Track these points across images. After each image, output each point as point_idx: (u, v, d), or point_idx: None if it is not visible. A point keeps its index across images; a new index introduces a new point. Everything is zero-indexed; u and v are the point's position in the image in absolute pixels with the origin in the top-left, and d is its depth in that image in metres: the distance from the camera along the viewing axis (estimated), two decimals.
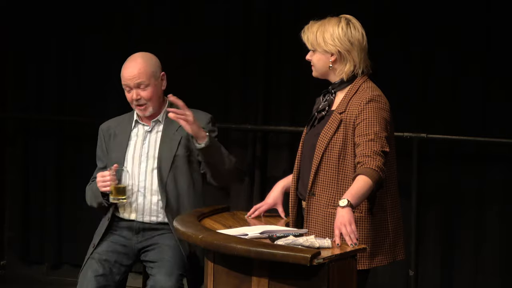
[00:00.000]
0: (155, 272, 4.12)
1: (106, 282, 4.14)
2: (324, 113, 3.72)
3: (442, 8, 5.29)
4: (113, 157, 4.30)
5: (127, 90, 4.25)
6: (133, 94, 4.22)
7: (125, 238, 4.26)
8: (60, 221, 6.22)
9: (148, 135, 4.30)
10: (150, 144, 4.28)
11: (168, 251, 4.17)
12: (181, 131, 4.23)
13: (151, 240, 4.25)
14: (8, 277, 6.27)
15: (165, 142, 4.26)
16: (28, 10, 6.15)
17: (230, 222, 3.94)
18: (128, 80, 4.22)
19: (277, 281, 3.34)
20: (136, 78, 4.21)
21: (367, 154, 3.50)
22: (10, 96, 6.29)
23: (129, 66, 4.25)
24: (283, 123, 5.59)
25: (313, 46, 3.72)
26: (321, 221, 3.64)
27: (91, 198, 4.33)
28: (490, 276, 5.33)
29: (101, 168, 4.37)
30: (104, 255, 4.19)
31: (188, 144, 4.23)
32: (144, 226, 4.25)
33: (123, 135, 4.32)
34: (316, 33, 3.70)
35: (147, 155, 4.26)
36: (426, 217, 5.40)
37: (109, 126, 4.41)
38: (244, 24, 5.72)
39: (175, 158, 4.23)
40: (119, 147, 4.31)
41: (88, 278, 4.13)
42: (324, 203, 3.63)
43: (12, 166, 6.36)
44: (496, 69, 5.23)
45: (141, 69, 4.22)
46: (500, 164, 5.28)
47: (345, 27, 3.67)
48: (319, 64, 3.73)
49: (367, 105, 3.59)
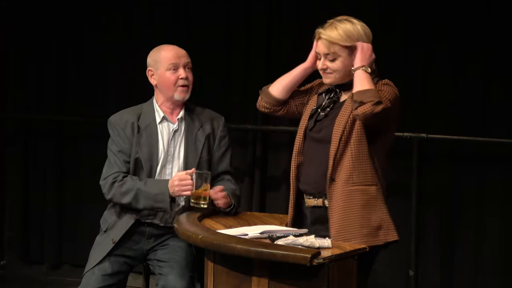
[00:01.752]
0: (167, 272, 4.10)
1: (111, 281, 4.13)
2: (329, 109, 3.74)
3: (442, 8, 5.29)
4: (145, 153, 4.19)
5: (173, 70, 4.22)
6: (182, 72, 4.21)
7: (135, 242, 4.23)
8: (60, 221, 6.21)
9: (175, 135, 4.26)
10: (175, 145, 4.24)
11: (179, 252, 4.15)
12: (202, 132, 4.25)
13: (160, 239, 4.23)
14: (8, 277, 6.27)
15: (190, 144, 4.24)
16: (28, 10, 6.15)
17: (230, 222, 3.95)
18: (178, 59, 4.23)
19: (277, 281, 3.34)
20: (186, 57, 4.25)
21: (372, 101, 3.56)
22: (10, 96, 6.29)
23: (174, 48, 4.28)
24: (283, 123, 5.59)
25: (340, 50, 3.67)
26: (341, 201, 3.64)
27: (144, 198, 4.12)
28: (490, 276, 5.33)
29: (127, 162, 4.21)
30: (113, 256, 4.18)
31: (209, 146, 4.26)
32: (157, 232, 4.22)
33: (151, 131, 4.24)
34: (339, 34, 3.68)
35: (173, 156, 4.24)
36: (426, 217, 5.40)
37: (125, 118, 4.27)
38: (245, 24, 5.71)
39: (200, 161, 4.22)
40: (150, 144, 4.21)
41: (95, 276, 4.11)
42: (342, 184, 3.65)
43: (12, 166, 6.35)
44: (496, 69, 5.22)
45: (186, 53, 4.28)
46: (500, 164, 5.28)
47: (360, 25, 3.71)
48: (345, 68, 3.71)
49: (383, 86, 3.67)
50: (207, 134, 4.26)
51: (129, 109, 4.34)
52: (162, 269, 4.14)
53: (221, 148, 4.30)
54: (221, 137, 4.30)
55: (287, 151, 5.60)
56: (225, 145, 4.31)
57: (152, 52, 4.31)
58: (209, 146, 4.26)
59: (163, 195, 4.08)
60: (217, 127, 4.31)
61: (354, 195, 3.63)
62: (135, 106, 4.35)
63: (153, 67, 4.26)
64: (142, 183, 4.13)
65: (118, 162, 4.21)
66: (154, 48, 4.33)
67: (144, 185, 4.12)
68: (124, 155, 4.22)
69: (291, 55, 5.60)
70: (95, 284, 4.10)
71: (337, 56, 3.69)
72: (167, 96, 4.25)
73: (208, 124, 4.28)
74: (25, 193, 6.30)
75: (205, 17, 5.78)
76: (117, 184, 4.17)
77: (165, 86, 4.23)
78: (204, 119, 4.29)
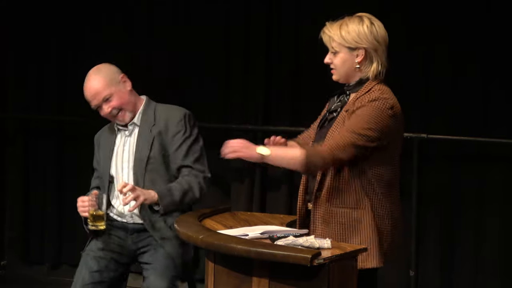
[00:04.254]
0: (149, 274, 4.13)
1: (101, 278, 4.14)
2: (335, 114, 3.61)
3: (442, 8, 5.29)
4: (101, 167, 4.31)
5: (99, 110, 4.23)
6: (104, 109, 4.20)
7: (120, 238, 4.25)
8: (60, 221, 6.22)
9: (128, 140, 4.27)
10: (129, 148, 4.25)
11: (162, 252, 4.16)
12: (153, 131, 4.20)
13: (145, 241, 4.23)
14: (9, 277, 6.28)
15: (139, 145, 4.21)
16: (28, 10, 6.15)
17: (230, 222, 3.94)
18: (93, 102, 4.22)
19: (278, 281, 3.34)
20: (98, 97, 4.19)
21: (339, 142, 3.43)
22: (10, 96, 6.29)
23: (86, 88, 4.23)
24: (284, 123, 5.59)
25: (338, 46, 3.55)
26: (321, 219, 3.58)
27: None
28: (490, 276, 5.33)
29: (97, 177, 4.39)
30: (99, 253, 4.19)
31: (162, 144, 4.19)
32: (139, 227, 4.23)
33: (107, 144, 4.31)
34: (341, 32, 3.54)
35: (128, 159, 4.24)
36: (427, 217, 5.40)
37: (99, 135, 4.42)
38: (245, 24, 5.72)
39: (149, 160, 4.18)
40: (105, 157, 4.30)
41: (83, 274, 4.14)
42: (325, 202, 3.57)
43: (12, 166, 6.36)
44: (496, 69, 5.22)
45: (97, 86, 4.19)
46: (500, 164, 5.28)
47: (369, 25, 3.56)
48: (344, 66, 3.57)
49: (369, 103, 3.48)
50: (158, 132, 4.18)
51: (107, 125, 4.41)
52: (146, 271, 4.17)
53: (175, 143, 4.18)
54: (175, 132, 4.19)
55: None
56: (181, 139, 4.18)
57: None
58: (162, 143, 4.19)
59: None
60: (172, 122, 4.19)
61: (333, 217, 3.54)
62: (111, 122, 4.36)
63: None
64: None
65: (94, 178, 4.44)
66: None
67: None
68: (97, 171, 4.41)
69: (291, 55, 5.62)
70: (83, 282, 4.12)
71: (337, 52, 3.58)
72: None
73: (162, 121, 4.21)
74: (25, 193, 6.31)
75: (205, 17, 5.78)
76: None
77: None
78: (160, 118, 4.23)
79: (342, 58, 3.57)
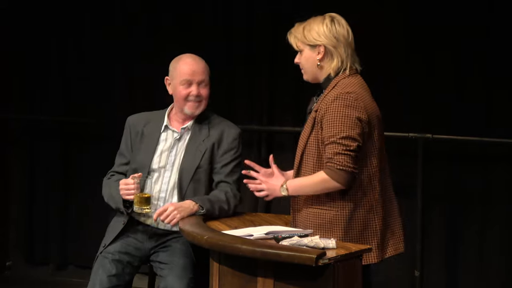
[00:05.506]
0: (166, 273, 4.11)
1: (118, 282, 4.14)
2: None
3: (442, 8, 5.28)
4: (139, 160, 4.26)
5: (186, 85, 4.22)
6: (194, 89, 4.21)
7: (138, 241, 4.24)
8: (65, 222, 6.22)
9: (176, 144, 4.26)
10: (176, 153, 4.24)
11: (180, 254, 4.15)
12: (207, 142, 4.23)
13: (162, 240, 4.23)
14: (13, 278, 6.27)
15: (190, 153, 4.22)
16: (29, 10, 6.15)
17: (235, 223, 3.95)
18: (192, 76, 4.22)
19: (283, 281, 3.34)
20: (201, 75, 4.23)
21: (328, 156, 3.56)
22: (14, 97, 6.29)
23: (192, 62, 4.25)
24: (288, 123, 5.59)
25: (300, 45, 3.74)
26: (303, 220, 3.67)
27: (109, 198, 4.28)
28: (495, 276, 5.32)
29: (123, 164, 4.32)
30: (117, 255, 4.18)
31: (212, 156, 4.23)
32: (159, 232, 4.23)
33: (152, 138, 4.28)
34: (303, 32, 3.73)
35: (172, 164, 4.23)
36: (431, 217, 5.40)
37: (137, 121, 4.35)
38: (249, 25, 5.71)
39: (196, 170, 4.20)
40: (146, 151, 4.25)
41: (100, 277, 4.12)
42: (303, 203, 3.68)
43: (16, 167, 6.36)
44: (499, 69, 5.22)
45: (204, 68, 4.26)
46: (505, 164, 5.28)
47: (329, 24, 3.71)
48: (308, 64, 3.75)
49: (332, 103, 3.61)
50: (212, 144, 4.22)
51: (146, 113, 4.40)
52: (162, 271, 4.16)
53: (224, 159, 4.24)
54: (227, 149, 4.25)
55: (292, 151, 5.58)
56: (231, 157, 4.25)
57: (173, 61, 4.31)
58: (212, 155, 4.23)
59: (119, 197, 4.17)
60: (226, 138, 4.25)
61: (309, 216, 3.66)
62: (156, 111, 4.38)
63: (170, 77, 4.29)
64: (114, 184, 4.24)
65: (117, 162, 4.37)
66: (176, 57, 4.31)
67: (112, 187, 4.25)
68: (123, 157, 4.35)
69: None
70: (101, 286, 4.10)
71: (301, 50, 3.76)
72: (179, 108, 4.28)
73: (217, 135, 4.26)
74: (30, 194, 6.31)
75: (208, 17, 5.78)
76: (104, 182, 4.34)
77: (176, 98, 4.27)
78: (215, 129, 4.27)
79: (305, 56, 3.76)
